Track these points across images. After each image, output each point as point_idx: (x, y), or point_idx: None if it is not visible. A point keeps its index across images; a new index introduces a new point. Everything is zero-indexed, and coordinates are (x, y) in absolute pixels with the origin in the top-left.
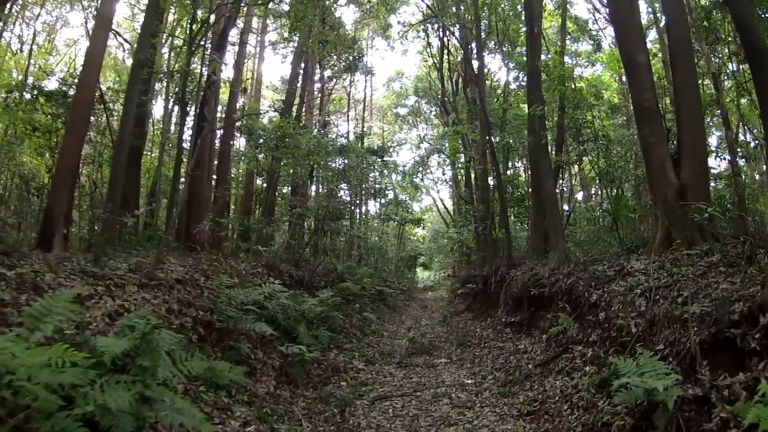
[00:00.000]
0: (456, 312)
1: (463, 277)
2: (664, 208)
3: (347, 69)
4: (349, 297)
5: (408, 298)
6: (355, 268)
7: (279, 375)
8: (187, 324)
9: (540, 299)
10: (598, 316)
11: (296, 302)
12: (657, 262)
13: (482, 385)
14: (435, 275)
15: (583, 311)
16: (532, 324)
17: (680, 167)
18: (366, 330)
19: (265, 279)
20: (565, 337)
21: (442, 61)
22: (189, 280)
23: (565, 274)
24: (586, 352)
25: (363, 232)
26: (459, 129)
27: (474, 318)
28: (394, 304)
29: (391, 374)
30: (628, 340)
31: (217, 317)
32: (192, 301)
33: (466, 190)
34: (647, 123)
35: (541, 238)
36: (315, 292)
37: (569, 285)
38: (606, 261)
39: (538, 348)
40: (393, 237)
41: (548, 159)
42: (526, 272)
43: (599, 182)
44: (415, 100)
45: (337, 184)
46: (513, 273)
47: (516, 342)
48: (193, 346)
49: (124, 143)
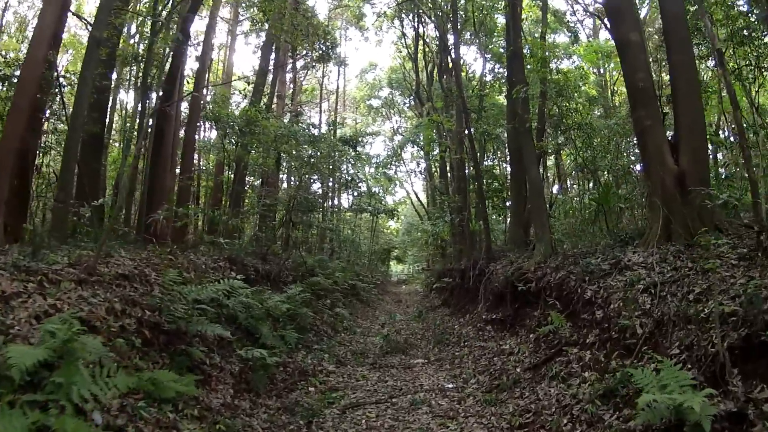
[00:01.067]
0: (432, 307)
1: (439, 271)
2: (662, 195)
3: (320, 59)
4: (319, 292)
5: (382, 292)
6: (327, 262)
7: (238, 382)
8: (129, 326)
9: (525, 295)
10: (595, 315)
11: (259, 299)
12: (657, 255)
13: (465, 390)
14: (409, 269)
15: (577, 309)
16: (516, 322)
17: (678, 152)
18: (338, 327)
19: (227, 274)
20: (557, 338)
21: (417, 51)
22: (137, 276)
23: (553, 267)
24: (583, 355)
25: (335, 224)
26: (435, 118)
27: (451, 314)
28: (368, 298)
29: (365, 377)
30: (634, 343)
31: (166, 318)
32: (138, 300)
33: (441, 181)
34: (642, 105)
35: (522, 230)
36: (283, 287)
37: (559, 280)
38: (599, 253)
39: (525, 349)
40: (366, 230)
41: (533, 145)
42: (507, 266)
43: (579, 173)
44: (389, 92)
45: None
46: (493, 267)
47: (499, 341)
48: (135, 352)
49: (77, 127)
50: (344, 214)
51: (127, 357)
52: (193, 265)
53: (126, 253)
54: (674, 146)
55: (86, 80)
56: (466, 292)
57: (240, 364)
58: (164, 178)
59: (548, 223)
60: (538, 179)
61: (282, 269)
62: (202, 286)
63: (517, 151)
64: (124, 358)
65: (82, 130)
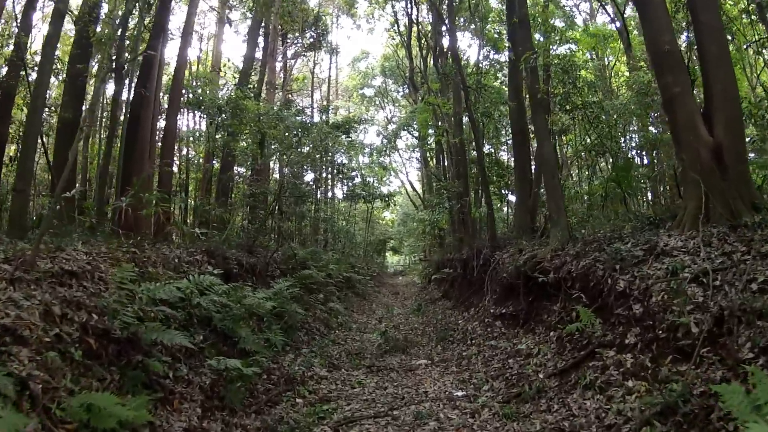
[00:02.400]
0: (431, 300)
1: (437, 262)
2: (700, 170)
3: (311, 47)
4: (312, 286)
5: (378, 284)
6: (320, 254)
7: (209, 398)
8: (70, 334)
9: (541, 287)
10: (632, 310)
11: (238, 297)
12: (698, 238)
13: (477, 399)
14: (405, 259)
15: (608, 303)
16: (531, 317)
17: (712, 123)
18: (331, 323)
19: (204, 269)
20: (586, 337)
21: (410, 37)
22: (89, 273)
23: (573, 255)
24: (622, 359)
25: (329, 214)
26: (431, 100)
27: (453, 307)
28: (364, 291)
29: (361, 383)
30: (689, 344)
31: (119, 324)
32: (84, 302)
33: (437, 167)
34: (669, 70)
35: (528, 215)
36: (270, 282)
37: (583, 269)
38: (627, 238)
39: (547, 350)
40: (361, 220)
41: (545, 119)
42: (516, 254)
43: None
44: (382, 81)
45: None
46: (498, 256)
47: (512, 339)
48: (73, 367)
49: (37, 108)
50: (339, 204)
51: (62, 375)
52: (163, 258)
53: (84, 246)
54: (706, 117)
55: (48, 57)
56: (469, 283)
57: (212, 376)
58: (141, 165)
59: (564, 206)
60: (551, 156)
61: (270, 262)
62: (162, 283)
63: (520, 132)
64: (55, 377)
65: (43, 112)
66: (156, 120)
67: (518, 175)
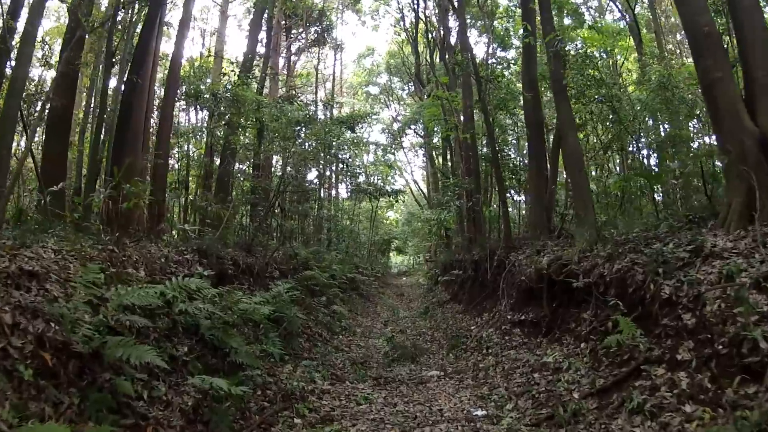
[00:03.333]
0: (439, 302)
1: (444, 263)
2: (746, 162)
3: (315, 42)
4: (314, 287)
5: (382, 284)
6: (323, 254)
7: (190, 423)
8: (20, 348)
9: (566, 292)
10: (682, 320)
11: (231, 301)
12: (748, 238)
13: (501, 420)
14: (410, 260)
15: (652, 311)
16: (556, 325)
17: (754, 111)
18: (334, 328)
19: (193, 269)
20: (626, 351)
21: (417, 31)
22: (54, 273)
23: (604, 257)
24: (676, 378)
25: (333, 212)
26: (440, 94)
27: (464, 311)
28: (368, 292)
29: (367, 399)
30: (756, 361)
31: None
32: (41, 309)
33: (444, 164)
34: (709, 53)
35: (544, 214)
36: (270, 283)
37: (619, 272)
38: (667, 238)
39: (579, 365)
40: (365, 220)
41: (570, 107)
42: (532, 256)
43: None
44: (387, 78)
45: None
46: (514, 257)
47: (535, 350)
48: (19, 389)
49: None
50: (343, 202)
51: (3, 398)
52: (146, 258)
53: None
54: (747, 104)
55: (29, 37)
56: (481, 286)
57: (196, 395)
58: (133, 157)
59: (592, 203)
60: (577, 149)
61: (270, 262)
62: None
63: (536, 125)
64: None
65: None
66: (150, 111)
67: (534, 171)
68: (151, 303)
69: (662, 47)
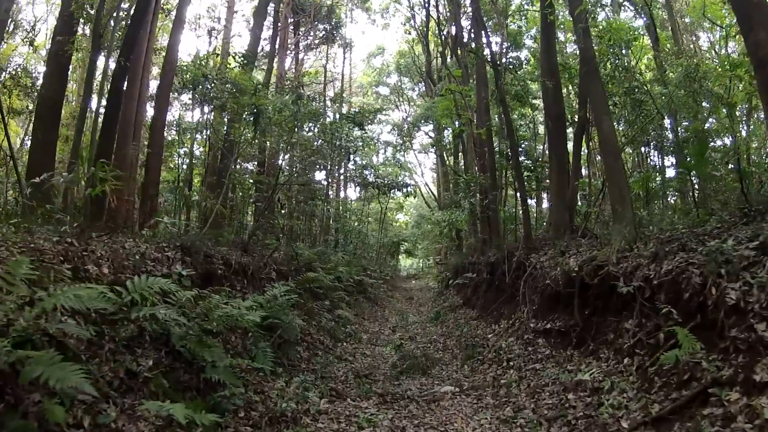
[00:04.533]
0: (451, 307)
1: (456, 265)
2: None
3: (324, 40)
4: (318, 290)
5: (391, 287)
6: (329, 255)
7: None
8: None
9: (601, 297)
10: (756, 332)
11: (208, 305)
12: None
13: None
14: (419, 263)
15: (716, 321)
16: (589, 336)
17: None
18: (338, 334)
19: (173, 268)
20: (686, 369)
21: (428, 28)
22: None
23: (648, 256)
24: (754, 405)
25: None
26: (452, 87)
27: (479, 317)
28: (376, 295)
29: (371, 422)
30: None
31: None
32: None
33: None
34: (761, 25)
35: (566, 212)
36: (266, 286)
37: (669, 274)
38: (723, 234)
39: (625, 385)
40: (374, 221)
41: (602, 89)
42: (556, 257)
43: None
44: (398, 79)
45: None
46: (535, 259)
47: (566, 365)
48: None
49: None
50: (352, 204)
51: None
52: (115, 254)
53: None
54: None
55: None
56: (497, 290)
57: (157, 422)
58: (123, 147)
59: (630, 195)
60: (612, 135)
61: (268, 263)
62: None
63: (557, 117)
64: None
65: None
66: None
67: (555, 166)
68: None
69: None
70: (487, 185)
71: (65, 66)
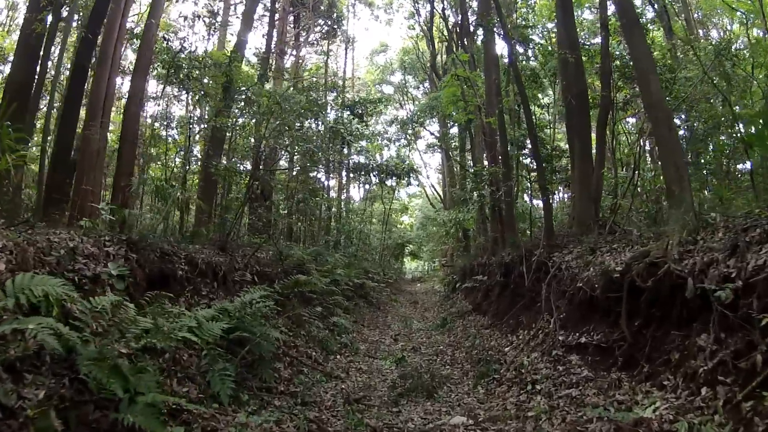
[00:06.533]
0: (459, 313)
1: (464, 267)
2: None
3: (326, 35)
4: (310, 295)
5: (395, 291)
6: (326, 256)
7: None
8: None
9: (654, 305)
10: None
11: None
12: None
13: None
14: (425, 265)
15: None
16: (641, 354)
17: None
18: (331, 345)
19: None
20: None
21: (432, 22)
22: None
23: (722, 249)
24: None
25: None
26: (460, 72)
27: (492, 326)
28: (378, 300)
29: None
30: None
31: None
32: None
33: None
34: None
35: (591, 206)
36: (240, 289)
37: (760, 271)
38: None
39: (710, 427)
40: (378, 222)
41: (646, 45)
42: (584, 255)
43: None
44: (402, 77)
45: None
46: (559, 258)
47: (613, 393)
48: None
49: None
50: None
51: None
52: (22, 249)
53: None
54: None
55: None
56: (513, 294)
57: None
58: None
59: (688, 175)
60: (662, 99)
61: (248, 263)
62: None
63: (579, 95)
64: None
65: None
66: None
67: (578, 153)
68: None
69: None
70: (500, 175)
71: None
